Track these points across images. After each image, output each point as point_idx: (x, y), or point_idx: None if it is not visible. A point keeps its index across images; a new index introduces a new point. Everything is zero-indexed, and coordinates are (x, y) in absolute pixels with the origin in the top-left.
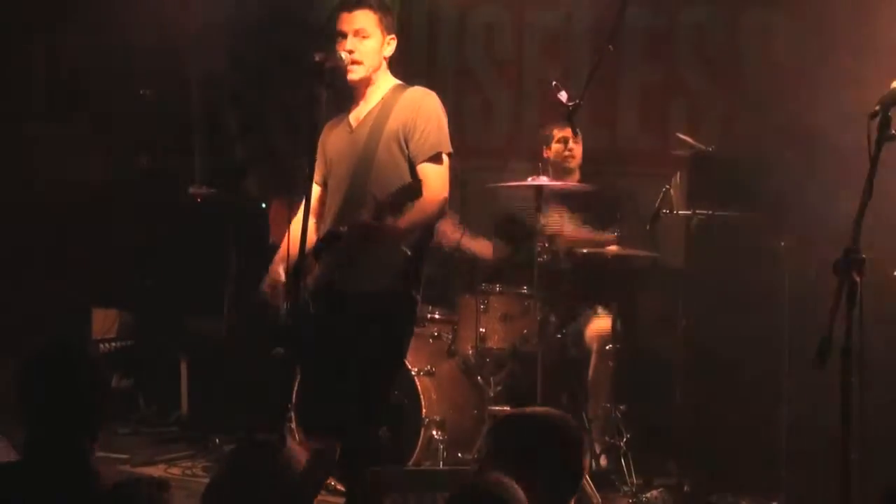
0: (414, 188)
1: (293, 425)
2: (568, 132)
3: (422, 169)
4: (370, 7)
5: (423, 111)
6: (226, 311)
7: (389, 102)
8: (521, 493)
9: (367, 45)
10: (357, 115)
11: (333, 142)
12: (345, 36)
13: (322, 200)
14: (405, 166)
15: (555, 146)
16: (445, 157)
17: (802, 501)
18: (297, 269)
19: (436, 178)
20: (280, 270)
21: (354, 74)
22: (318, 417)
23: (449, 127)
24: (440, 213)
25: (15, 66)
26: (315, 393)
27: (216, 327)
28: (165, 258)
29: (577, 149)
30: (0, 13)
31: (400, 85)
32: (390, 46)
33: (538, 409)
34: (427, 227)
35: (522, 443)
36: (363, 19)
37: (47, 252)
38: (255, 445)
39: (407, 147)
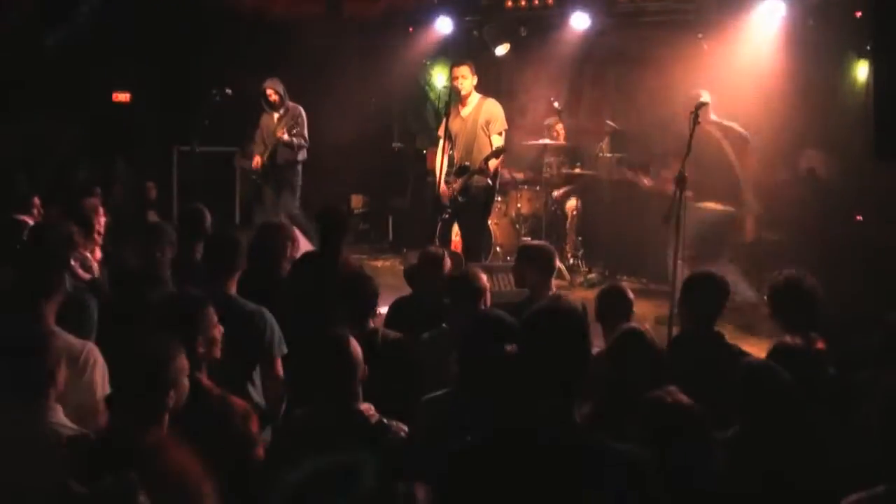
0: (495, 153)
1: (437, 243)
2: (554, 122)
3: (494, 139)
4: (465, 65)
5: (494, 112)
6: (408, 195)
7: (478, 107)
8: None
9: (465, 82)
10: (465, 111)
11: (454, 122)
12: (456, 78)
13: (448, 147)
14: (486, 137)
15: (550, 130)
16: (504, 132)
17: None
18: (444, 182)
19: (500, 143)
20: (441, 185)
21: (462, 93)
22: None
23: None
24: (501, 156)
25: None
26: (461, 229)
27: (403, 202)
28: (381, 170)
29: (558, 130)
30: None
31: (482, 97)
32: (475, 79)
33: (539, 241)
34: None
35: (529, 256)
36: (463, 70)
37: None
38: (432, 253)
39: (487, 129)
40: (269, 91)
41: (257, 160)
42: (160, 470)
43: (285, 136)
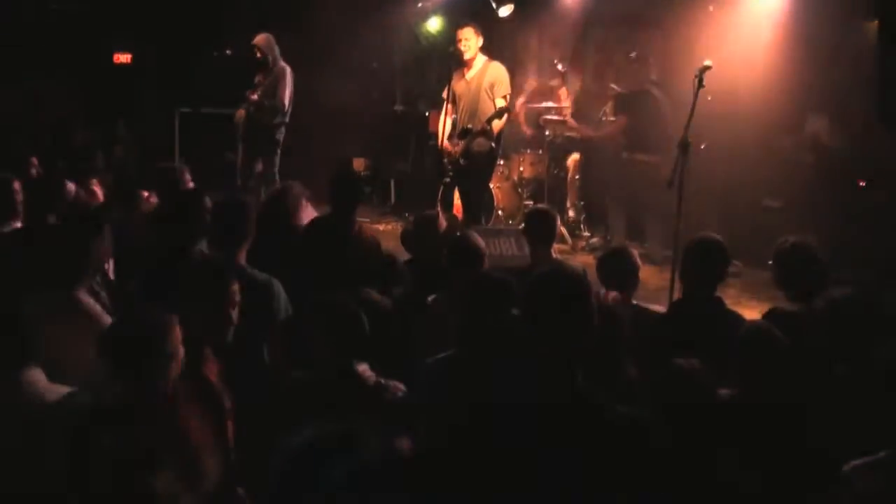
0: (498, 113)
1: (439, 207)
2: (556, 86)
3: (497, 102)
4: (469, 27)
5: (499, 75)
6: (411, 158)
7: (483, 70)
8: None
9: (469, 44)
10: (469, 74)
11: (458, 85)
12: (460, 40)
13: (451, 109)
14: (490, 101)
15: (553, 92)
16: (508, 96)
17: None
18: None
19: (503, 106)
20: (443, 147)
21: (466, 56)
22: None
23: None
24: (505, 116)
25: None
26: (462, 192)
27: (406, 166)
28: (383, 133)
29: (561, 94)
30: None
31: (488, 59)
32: (480, 42)
33: (540, 204)
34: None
35: (533, 216)
36: (467, 32)
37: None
38: (426, 216)
39: (491, 92)
40: (255, 49)
41: (240, 113)
42: (165, 429)
43: (254, 97)
